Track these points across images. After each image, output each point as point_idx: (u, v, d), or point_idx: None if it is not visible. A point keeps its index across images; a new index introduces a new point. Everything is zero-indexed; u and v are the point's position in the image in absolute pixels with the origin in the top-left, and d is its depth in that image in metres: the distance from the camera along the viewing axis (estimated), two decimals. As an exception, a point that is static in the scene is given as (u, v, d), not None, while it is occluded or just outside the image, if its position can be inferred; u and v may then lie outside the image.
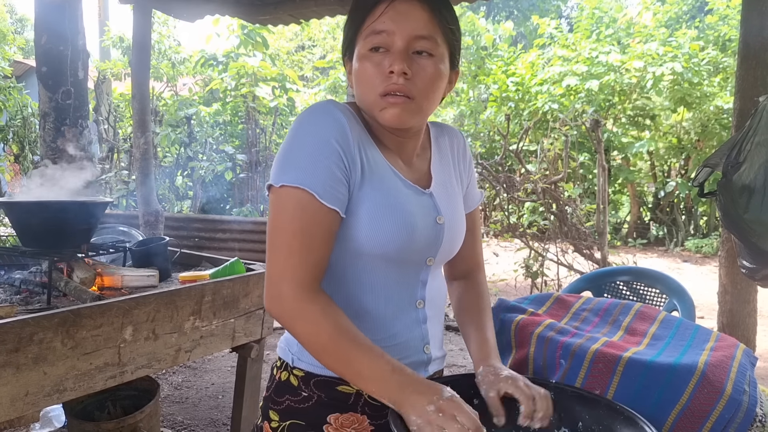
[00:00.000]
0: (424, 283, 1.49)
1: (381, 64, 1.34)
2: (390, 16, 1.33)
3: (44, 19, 5.27)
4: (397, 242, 1.37)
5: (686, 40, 12.68)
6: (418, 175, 1.50)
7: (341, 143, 1.32)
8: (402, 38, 1.33)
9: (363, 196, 1.35)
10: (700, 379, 1.40)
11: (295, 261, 1.29)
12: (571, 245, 7.56)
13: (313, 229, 1.29)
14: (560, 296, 1.95)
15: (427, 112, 1.41)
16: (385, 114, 1.36)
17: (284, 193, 1.30)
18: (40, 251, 2.96)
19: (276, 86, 11.50)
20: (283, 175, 1.30)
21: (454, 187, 1.57)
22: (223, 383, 4.86)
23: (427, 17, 1.34)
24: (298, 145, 1.32)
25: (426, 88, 1.36)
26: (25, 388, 2.17)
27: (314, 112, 1.36)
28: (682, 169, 13.63)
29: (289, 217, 1.30)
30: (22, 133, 12.68)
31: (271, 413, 1.47)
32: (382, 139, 1.45)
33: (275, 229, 1.32)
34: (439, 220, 1.46)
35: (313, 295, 1.29)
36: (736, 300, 3.98)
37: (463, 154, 1.65)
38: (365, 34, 1.36)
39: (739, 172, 3.05)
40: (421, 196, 1.45)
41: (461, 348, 5.93)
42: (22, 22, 28.13)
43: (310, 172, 1.29)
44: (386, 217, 1.36)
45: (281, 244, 1.31)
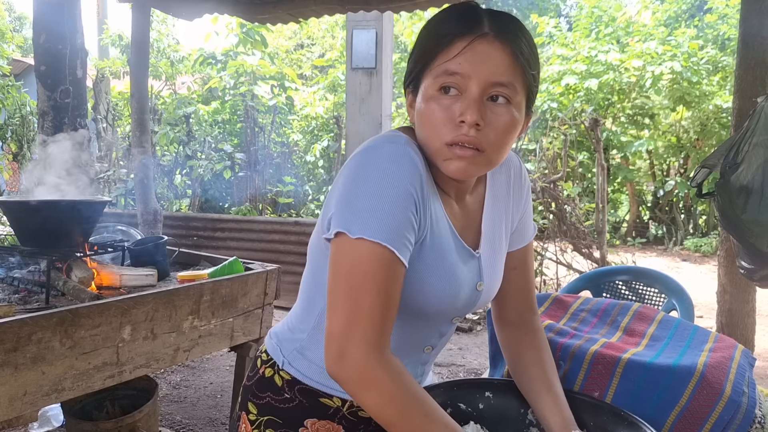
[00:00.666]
0: (441, 335, 1.45)
1: (451, 109, 1.20)
2: (467, 57, 1.19)
3: (43, 17, 5.27)
4: (437, 306, 1.31)
5: (685, 39, 12.68)
6: (468, 222, 1.40)
7: (417, 192, 1.21)
8: (478, 84, 1.19)
9: (422, 252, 1.27)
10: (700, 381, 1.40)
11: (368, 321, 1.16)
12: (570, 244, 7.56)
13: (391, 289, 1.18)
14: (558, 296, 1.94)
15: (496, 164, 1.30)
16: (450, 165, 1.24)
17: (361, 245, 1.16)
18: (39, 250, 2.96)
19: (275, 85, 11.50)
20: (359, 226, 1.17)
21: (501, 240, 1.46)
22: (222, 382, 4.86)
23: (509, 62, 1.20)
24: (376, 192, 1.18)
25: (499, 141, 1.23)
26: (24, 387, 2.17)
27: (390, 154, 1.22)
28: (681, 168, 13.62)
29: (369, 274, 1.16)
30: (21, 132, 12.67)
31: (251, 405, 1.46)
32: (440, 182, 1.33)
33: (346, 284, 1.18)
34: (479, 286, 1.38)
35: (384, 358, 1.17)
36: (735, 300, 3.98)
37: (520, 185, 1.51)
38: (436, 72, 1.22)
39: (737, 173, 3.05)
40: (471, 259, 1.37)
41: (460, 347, 5.93)
42: (21, 20, 28.11)
43: (392, 227, 1.17)
44: (435, 281, 1.28)
45: (352, 301, 1.17)
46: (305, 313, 1.43)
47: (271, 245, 7.29)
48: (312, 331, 1.41)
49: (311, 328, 1.41)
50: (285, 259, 6.85)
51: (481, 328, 6.55)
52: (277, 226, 7.42)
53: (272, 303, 3.29)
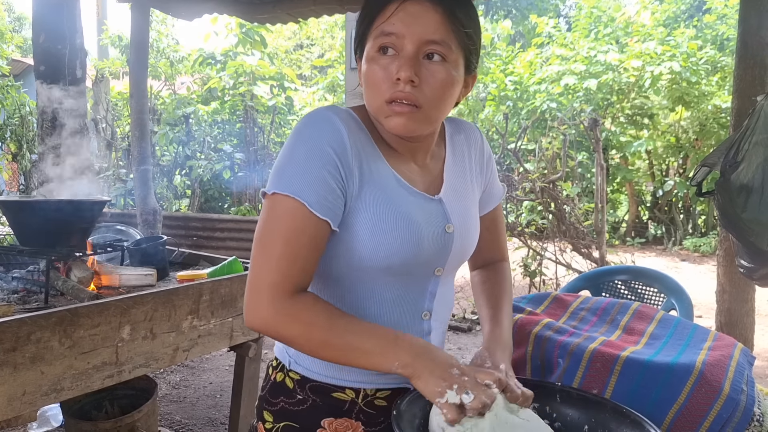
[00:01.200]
0: (432, 295, 1.43)
1: (388, 69, 1.26)
2: (400, 17, 1.24)
3: (42, 18, 5.27)
4: (402, 254, 1.31)
5: (684, 40, 12.68)
6: (429, 178, 1.43)
7: (338, 152, 1.26)
8: (412, 42, 1.24)
9: (361, 206, 1.29)
10: (698, 379, 1.40)
11: (279, 269, 1.23)
12: (569, 244, 7.56)
13: (301, 239, 1.23)
14: (558, 295, 1.95)
15: (436, 121, 1.34)
16: (390, 122, 1.28)
17: (275, 200, 1.25)
18: (38, 250, 2.96)
19: (274, 85, 11.50)
20: (276, 183, 1.25)
21: (467, 190, 1.49)
22: (221, 382, 4.85)
23: (440, 20, 1.25)
24: (294, 153, 1.26)
25: (435, 96, 1.27)
26: (23, 387, 2.16)
27: (312, 119, 1.29)
28: (681, 168, 13.62)
29: (278, 225, 1.24)
30: (20, 132, 12.66)
31: (266, 414, 1.45)
32: (392, 143, 1.38)
33: (262, 237, 1.27)
34: (448, 228, 1.39)
35: (295, 296, 1.23)
36: (734, 299, 3.98)
37: (481, 151, 1.57)
38: (374, 35, 1.28)
39: (737, 172, 3.05)
40: (429, 203, 1.38)
41: (459, 347, 5.93)
42: (20, 21, 28.11)
43: (303, 181, 1.23)
44: (388, 229, 1.30)
45: (266, 253, 1.25)
46: None
47: (270, 245, 7.28)
48: None
49: None
50: (284, 259, 6.82)
51: (479, 329, 6.54)
52: (277, 227, 7.41)
53: (271, 303, 3.29)
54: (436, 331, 1.46)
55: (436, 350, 1.23)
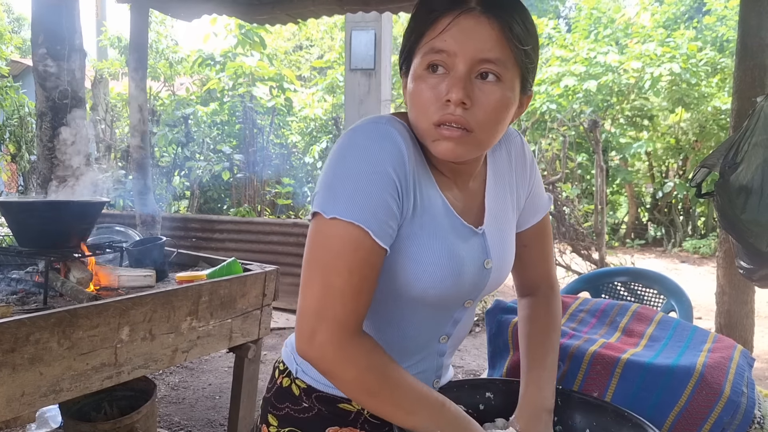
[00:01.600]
0: (455, 322, 1.40)
1: (438, 88, 1.17)
2: (452, 33, 1.14)
3: (41, 18, 5.26)
4: (440, 288, 1.26)
5: (684, 41, 12.68)
6: (472, 205, 1.36)
7: (399, 173, 1.18)
8: (464, 61, 1.15)
9: (412, 233, 1.23)
10: (699, 381, 1.40)
11: (344, 303, 1.15)
12: (569, 246, 7.56)
13: (365, 271, 1.16)
14: (557, 297, 1.94)
15: (488, 146, 1.25)
16: (438, 146, 1.19)
17: (334, 225, 1.15)
18: (37, 251, 2.96)
19: (273, 86, 11.49)
20: (335, 206, 1.16)
21: (508, 217, 1.42)
22: (221, 384, 4.85)
23: (497, 37, 1.15)
24: (353, 173, 1.16)
25: (488, 120, 1.18)
26: (21, 388, 2.16)
27: (372, 134, 1.19)
28: (680, 170, 13.63)
29: (341, 255, 1.15)
30: (19, 133, 12.65)
31: (270, 417, 1.45)
32: (436, 163, 1.30)
33: (317, 264, 1.18)
34: (487, 264, 1.34)
35: (356, 338, 1.17)
36: (734, 301, 3.98)
37: (523, 160, 1.47)
38: (423, 51, 1.18)
39: (737, 173, 3.05)
40: (473, 237, 1.32)
41: (459, 349, 5.91)
42: (19, 21, 28.10)
43: (366, 207, 1.15)
44: (433, 261, 1.24)
45: (323, 282, 1.16)
46: None
47: (269, 246, 7.28)
48: None
49: None
50: (284, 261, 6.84)
51: (479, 330, 6.55)
52: (276, 228, 7.41)
53: (271, 304, 3.29)
54: (449, 351, 1.45)
55: (471, 426, 1.22)
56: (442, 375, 1.46)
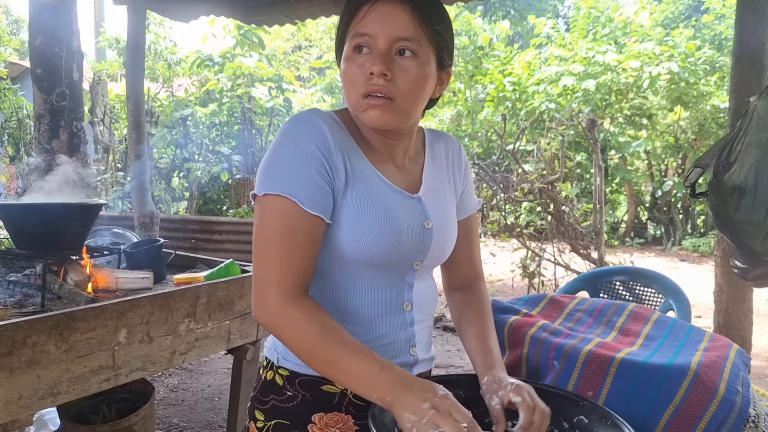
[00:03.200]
0: (410, 286, 1.48)
1: (363, 66, 1.34)
2: (372, 18, 1.33)
3: (39, 20, 5.27)
4: (381, 247, 1.37)
5: (682, 40, 12.70)
6: (409, 179, 1.50)
7: (322, 150, 1.33)
8: (383, 40, 1.33)
9: (346, 202, 1.36)
10: (693, 380, 1.40)
11: (279, 267, 1.29)
12: (568, 245, 7.56)
13: (296, 236, 1.30)
14: (554, 297, 1.95)
15: (411, 114, 1.41)
16: (367, 115, 1.36)
17: (267, 201, 1.32)
18: (34, 253, 2.96)
19: (272, 87, 11.49)
20: (266, 184, 1.32)
21: (446, 193, 1.56)
22: (219, 385, 4.85)
23: (409, 18, 1.33)
24: (280, 154, 1.34)
25: (408, 89, 1.35)
26: (19, 391, 2.16)
27: (295, 121, 1.37)
28: (679, 169, 13.65)
29: (272, 224, 1.31)
30: (18, 135, 12.67)
31: (257, 413, 1.48)
32: (373, 143, 1.46)
33: (259, 237, 1.33)
34: (426, 224, 1.46)
35: (298, 299, 1.29)
36: (732, 299, 3.97)
37: (459, 161, 1.64)
38: (350, 36, 1.36)
39: (730, 173, 3.05)
40: (409, 200, 1.45)
41: (458, 348, 5.93)
42: (18, 24, 28.12)
43: (292, 180, 1.30)
44: (370, 223, 1.36)
45: (265, 252, 1.31)
46: None
47: (268, 247, 7.26)
48: None
49: None
50: (283, 261, 6.81)
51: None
52: (275, 228, 7.39)
53: (269, 305, 3.29)
54: (419, 324, 1.51)
55: (415, 384, 1.23)
56: (416, 345, 1.50)
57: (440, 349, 5.90)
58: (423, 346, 1.53)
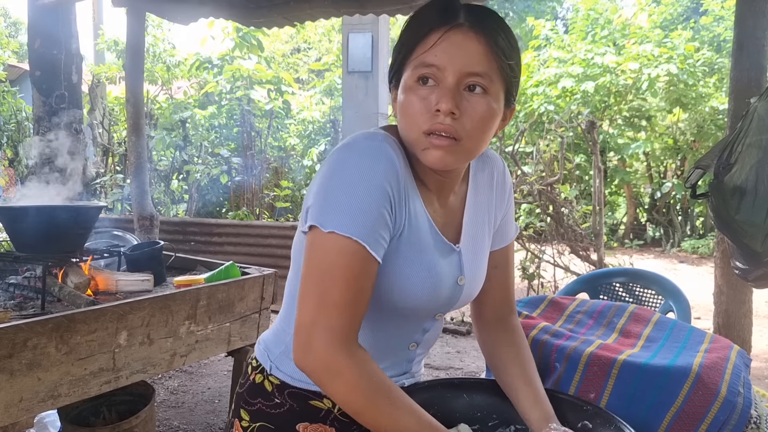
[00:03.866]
0: (424, 331, 1.45)
1: (428, 99, 1.22)
2: (443, 48, 1.21)
3: (37, 23, 5.28)
4: (416, 301, 1.32)
5: (681, 41, 12.70)
6: (450, 219, 1.41)
7: (393, 188, 1.23)
8: (453, 74, 1.21)
9: (400, 247, 1.29)
10: (695, 382, 1.40)
11: (339, 313, 1.19)
12: (567, 247, 7.56)
13: (362, 282, 1.21)
14: (554, 299, 1.95)
15: (475, 155, 1.31)
16: (428, 155, 1.25)
17: (333, 239, 1.19)
18: (34, 256, 2.96)
19: (271, 89, 11.49)
20: (332, 220, 1.20)
21: (483, 237, 1.47)
22: (220, 387, 4.85)
23: (483, 51, 1.21)
24: (349, 187, 1.21)
25: (475, 129, 1.24)
26: (19, 394, 2.16)
27: (368, 150, 1.24)
28: (678, 170, 13.65)
29: (338, 266, 1.19)
30: (17, 138, 12.67)
31: (243, 412, 1.47)
32: (423, 177, 1.35)
33: (315, 277, 1.22)
34: (460, 281, 1.40)
35: (350, 350, 1.20)
36: (732, 301, 3.98)
37: (503, 187, 1.53)
38: (414, 64, 1.25)
39: (731, 174, 3.06)
40: (451, 254, 1.38)
41: (458, 350, 5.92)
42: (16, 26, 28.11)
43: (363, 222, 1.19)
44: (414, 275, 1.30)
45: (320, 292, 1.20)
46: (289, 315, 1.43)
47: (268, 249, 7.27)
48: None
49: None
50: (282, 264, 6.81)
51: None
52: (275, 231, 7.41)
53: (269, 307, 3.29)
54: (418, 358, 1.51)
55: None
56: (411, 378, 1.51)
57: (440, 351, 5.90)
58: (415, 375, 1.53)
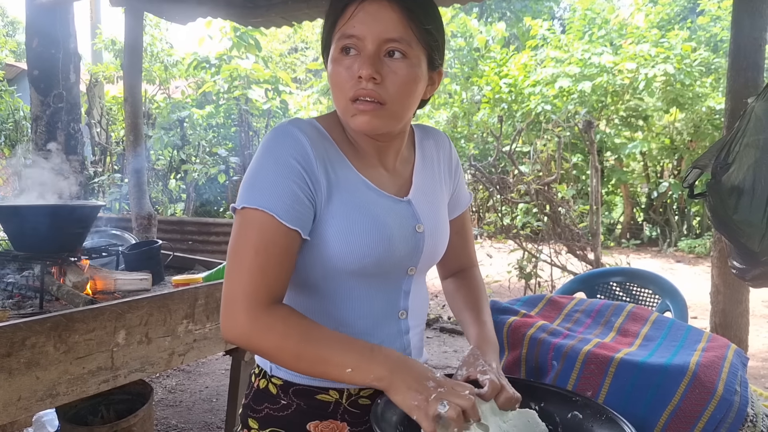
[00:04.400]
0: (406, 293, 1.46)
1: (351, 68, 1.29)
2: (359, 18, 1.28)
3: (36, 22, 5.28)
4: (374, 255, 1.34)
5: (678, 41, 12.71)
6: (400, 182, 1.47)
7: (302, 163, 1.29)
8: (371, 41, 1.27)
9: (331, 212, 1.33)
10: (692, 380, 1.41)
11: (252, 280, 1.24)
12: (564, 246, 7.58)
13: (271, 250, 1.26)
14: (552, 297, 1.95)
15: (402, 117, 1.36)
16: (356, 120, 1.31)
17: (245, 214, 1.28)
18: (33, 255, 2.96)
19: (269, 88, 11.49)
20: (245, 198, 1.28)
21: (437, 193, 1.53)
22: (217, 386, 4.85)
23: (398, 18, 1.28)
24: (260, 168, 1.30)
25: (398, 93, 1.30)
26: (18, 392, 2.16)
27: (274, 134, 1.33)
28: (675, 170, 13.67)
29: (248, 238, 1.27)
30: (14, 137, 12.65)
31: (251, 421, 1.46)
32: (362, 147, 1.42)
33: (234, 250, 1.28)
34: (418, 228, 1.43)
35: (271, 308, 1.25)
36: (729, 300, 3.98)
37: (449, 157, 1.61)
38: (337, 37, 1.31)
39: (728, 173, 3.06)
40: (398, 204, 1.42)
41: (455, 350, 5.93)
42: (14, 25, 28.08)
43: (270, 194, 1.26)
44: (359, 232, 1.33)
45: (238, 265, 1.26)
46: None
47: (265, 249, 7.26)
48: None
49: None
50: (279, 263, 6.83)
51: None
52: (272, 230, 7.39)
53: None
54: (413, 330, 1.49)
55: (412, 363, 1.23)
56: (412, 353, 1.48)
57: (437, 350, 5.91)
58: (417, 352, 1.51)
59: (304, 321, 1.26)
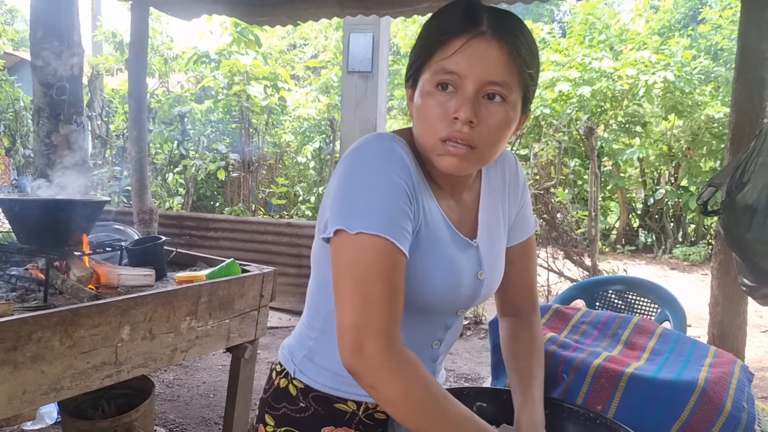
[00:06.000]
0: (447, 328, 1.45)
1: (446, 106, 1.22)
2: (464, 56, 1.19)
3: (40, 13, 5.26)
4: (439, 296, 1.32)
5: (679, 49, 12.74)
6: (468, 217, 1.42)
7: (409, 185, 1.23)
8: (473, 82, 1.20)
9: (419, 243, 1.28)
10: (701, 396, 1.42)
11: (383, 313, 1.16)
12: (561, 251, 7.59)
13: (396, 278, 1.19)
14: (559, 308, 1.96)
15: (488, 161, 1.31)
16: (443, 161, 1.25)
17: (361, 241, 1.18)
18: (37, 249, 2.97)
19: (268, 85, 11.48)
20: (357, 221, 1.18)
21: (499, 230, 1.47)
22: (214, 382, 4.87)
23: (505, 60, 1.20)
24: (368, 187, 1.21)
25: (492, 137, 1.24)
26: (23, 386, 2.17)
27: (380, 150, 1.25)
28: (672, 177, 13.70)
29: (372, 266, 1.17)
30: (14, 127, 12.62)
31: (267, 417, 1.48)
32: (435, 177, 1.35)
33: (351, 279, 1.18)
34: (480, 275, 1.39)
35: (399, 350, 1.17)
36: (728, 312, 4.00)
37: (516, 181, 1.53)
38: (434, 69, 1.23)
39: (743, 192, 3.08)
40: (469, 248, 1.38)
41: (450, 352, 5.93)
42: (12, 13, 28.02)
43: (387, 218, 1.19)
44: (436, 269, 1.30)
45: (360, 294, 1.17)
46: (312, 320, 1.45)
47: (263, 246, 7.28)
48: (319, 335, 1.43)
49: (318, 333, 1.43)
50: (277, 260, 6.85)
51: (471, 334, 6.58)
52: (270, 227, 7.42)
53: (268, 305, 3.31)
54: (441, 357, 1.50)
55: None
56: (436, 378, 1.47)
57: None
58: (439, 377, 1.53)
59: (428, 376, 1.19)
